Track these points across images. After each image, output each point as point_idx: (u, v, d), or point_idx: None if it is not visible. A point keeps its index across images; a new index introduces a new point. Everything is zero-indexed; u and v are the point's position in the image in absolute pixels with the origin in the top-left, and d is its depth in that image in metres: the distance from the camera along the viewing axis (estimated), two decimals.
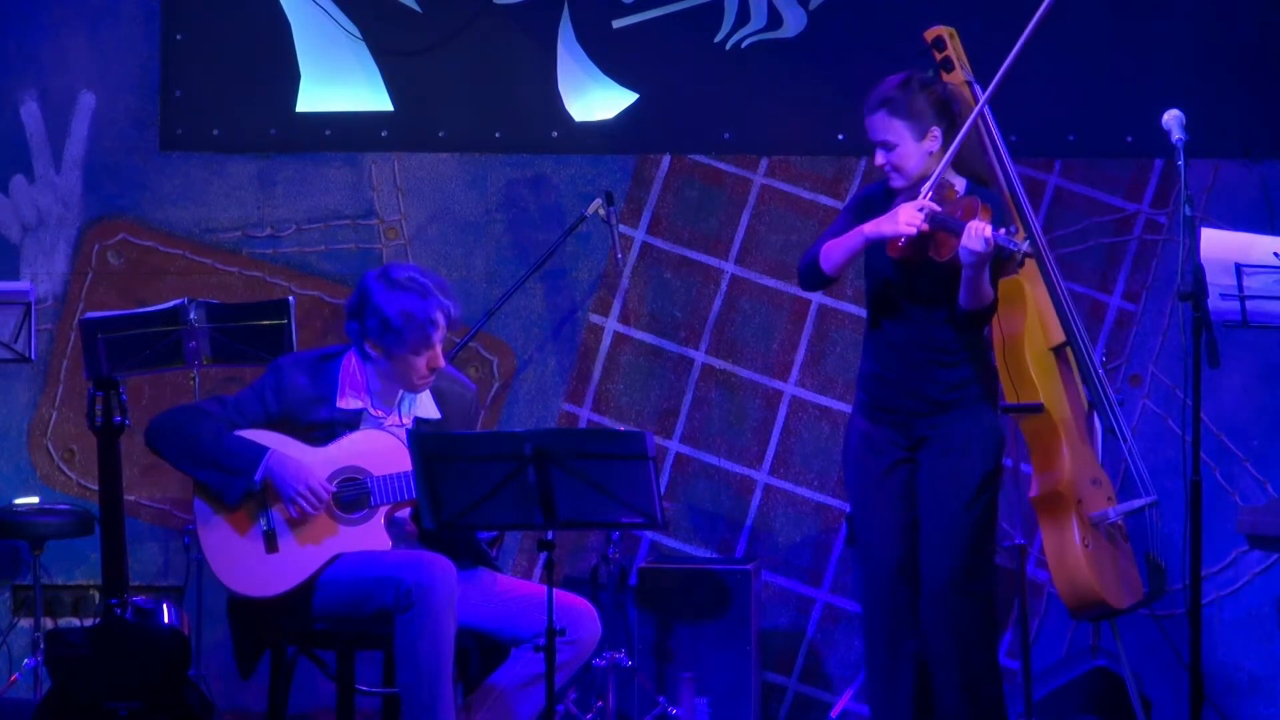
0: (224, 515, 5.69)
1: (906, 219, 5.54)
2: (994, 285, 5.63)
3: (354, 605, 5.61)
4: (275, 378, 5.76)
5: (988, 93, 5.83)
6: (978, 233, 5.43)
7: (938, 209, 5.54)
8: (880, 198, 5.78)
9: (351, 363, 5.79)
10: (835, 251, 5.72)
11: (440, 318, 5.68)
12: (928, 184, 5.62)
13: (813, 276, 5.81)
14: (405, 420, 5.80)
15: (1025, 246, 5.43)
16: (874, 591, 5.80)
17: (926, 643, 5.74)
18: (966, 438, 5.71)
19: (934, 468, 5.72)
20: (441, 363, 5.75)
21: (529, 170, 7.45)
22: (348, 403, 5.75)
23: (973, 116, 5.77)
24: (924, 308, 5.70)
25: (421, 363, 5.70)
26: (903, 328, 5.73)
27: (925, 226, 5.53)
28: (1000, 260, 5.53)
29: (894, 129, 5.67)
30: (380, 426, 5.77)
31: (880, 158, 5.71)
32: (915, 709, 5.78)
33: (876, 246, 5.67)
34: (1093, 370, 6.36)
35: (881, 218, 5.62)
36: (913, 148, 5.68)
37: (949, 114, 5.72)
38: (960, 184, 5.72)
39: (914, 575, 5.75)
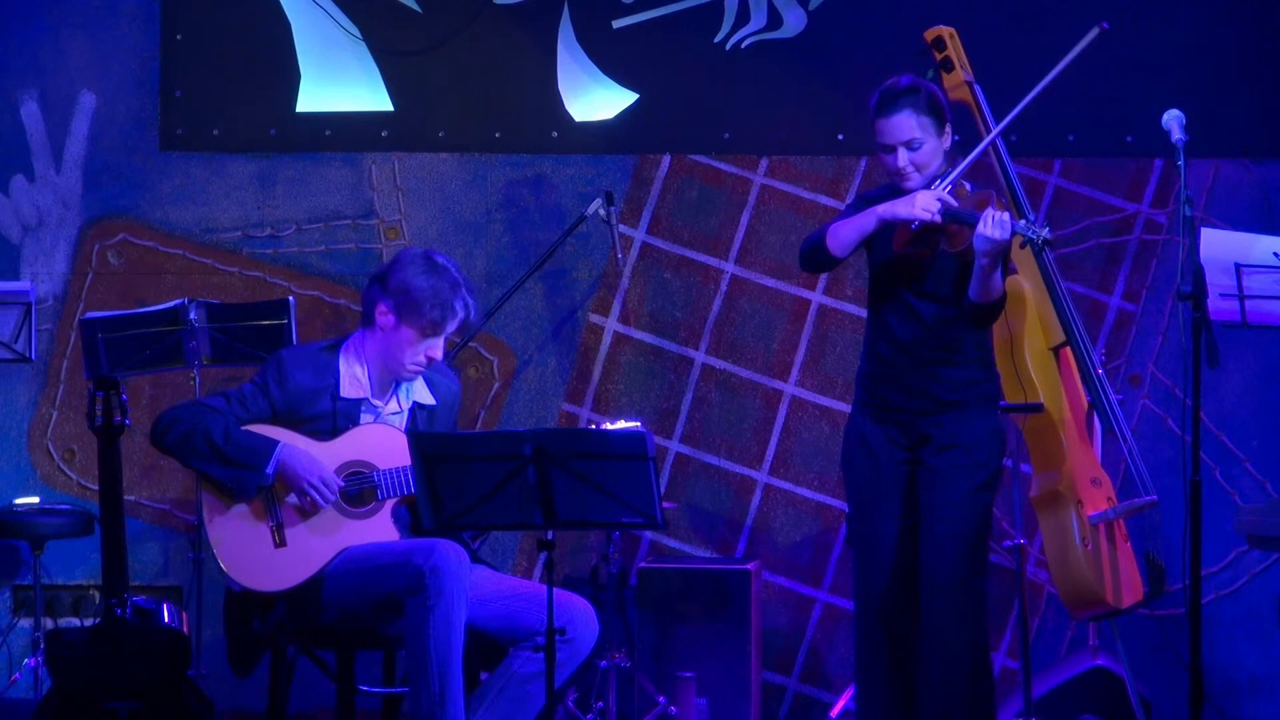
0: (231, 510, 5.70)
1: (924, 204, 5.48)
2: (1002, 279, 5.61)
3: (365, 594, 5.59)
4: (277, 369, 5.78)
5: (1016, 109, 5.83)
6: (998, 219, 5.39)
7: (953, 202, 5.51)
8: (885, 195, 5.72)
9: (350, 353, 5.82)
10: (845, 231, 5.62)
11: (460, 311, 5.76)
12: (944, 180, 5.59)
13: (817, 257, 5.68)
14: (404, 405, 5.83)
15: (1046, 233, 5.42)
16: (868, 594, 5.77)
17: (920, 640, 5.71)
18: (971, 437, 5.69)
19: (937, 464, 5.70)
20: (439, 356, 5.80)
21: (529, 170, 7.46)
22: (349, 391, 5.78)
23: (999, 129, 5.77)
24: (932, 305, 5.67)
25: (421, 348, 5.73)
26: (909, 326, 5.69)
27: (938, 219, 5.50)
28: (1007, 255, 5.52)
29: (923, 125, 5.62)
30: (380, 415, 5.80)
31: (901, 158, 5.62)
32: (907, 711, 5.77)
33: (883, 243, 5.63)
34: (1093, 370, 6.36)
35: (897, 200, 5.55)
36: (935, 144, 5.64)
37: (946, 113, 5.72)
38: (968, 186, 5.69)
39: (910, 579, 5.73)
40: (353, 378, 5.80)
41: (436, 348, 5.77)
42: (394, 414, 5.82)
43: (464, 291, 5.77)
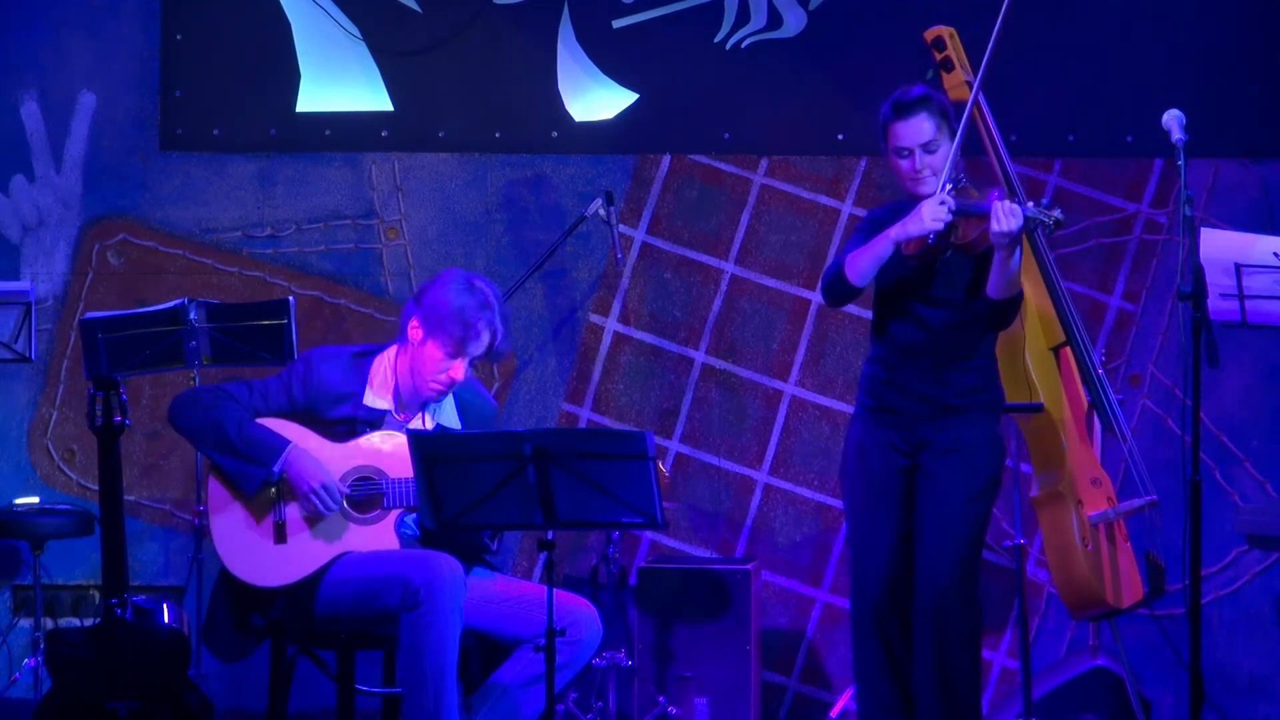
0: (238, 501, 5.71)
1: (932, 215, 5.48)
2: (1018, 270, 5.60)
3: (359, 604, 5.60)
4: (305, 369, 5.78)
5: (978, 76, 5.83)
6: (1008, 210, 5.40)
7: (957, 202, 5.52)
8: (892, 214, 5.72)
9: (384, 363, 5.80)
10: (862, 261, 5.62)
11: (485, 335, 5.71)
12: (942, 180, 5.60)
13: (839, 290, 5.69)
14: (428, 426, 5.80)
15: (1058, 213, 5.43)
16: (865, 599, 5.78)
17: (916, 645, 5.71)
18: (971, 443, 5.69)
19: (935, 470, 5.71)
20: (460, 377, 5.75)
21: (529, 170, 7.46)
22: (373, 401, 5.76)
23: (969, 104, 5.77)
24: (939, 311, 5.67)
25: (445, 367, 5.70)
26: (915, 331, 5.69)
27: (950, 217, 5.51)
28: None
29: (938, 128, 5.64)
30: (401, 428, 5.77)
31: (918, 161, 5.64)
32: (907, 714, 5.77)
33: (892, 254, 5.64)
34: (1093, 370, 6.36)
35: (905, 219, 5.55)
36: (947, 149, 5.66)
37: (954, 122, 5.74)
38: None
39: (906, 585, 5.73)
40: (379, 388, 5.78)
41: (459, 368, 5.73)
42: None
43: (493, 315, 5.71)
